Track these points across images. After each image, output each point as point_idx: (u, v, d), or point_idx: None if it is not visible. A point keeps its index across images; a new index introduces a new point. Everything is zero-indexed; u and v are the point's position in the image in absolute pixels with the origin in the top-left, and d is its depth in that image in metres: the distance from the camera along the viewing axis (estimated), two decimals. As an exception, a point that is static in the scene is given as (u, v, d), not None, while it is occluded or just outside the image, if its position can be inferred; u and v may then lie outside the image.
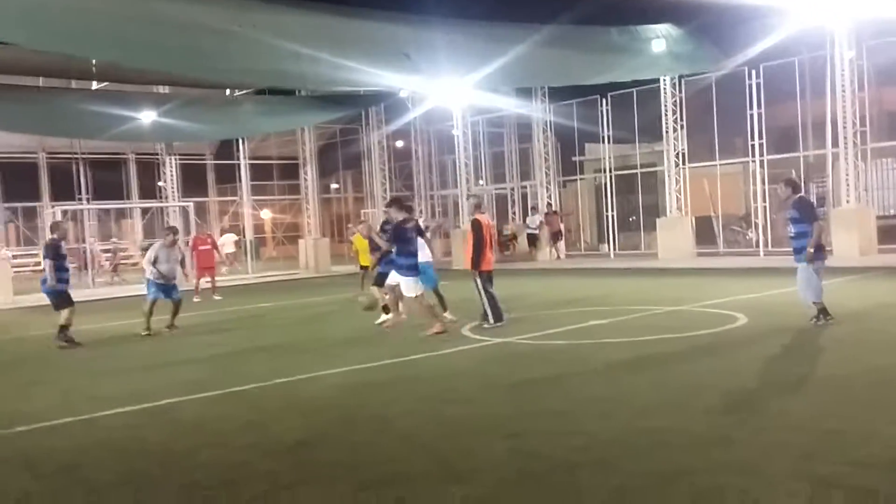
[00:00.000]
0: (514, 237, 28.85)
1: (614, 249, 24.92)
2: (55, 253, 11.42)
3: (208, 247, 18.24)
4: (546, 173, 26.50)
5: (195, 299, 17.34)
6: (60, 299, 11.49)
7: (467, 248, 11.17)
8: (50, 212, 28.16)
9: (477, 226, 10.98)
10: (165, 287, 12.48)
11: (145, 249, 25.19)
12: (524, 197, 29.75)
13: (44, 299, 12.09)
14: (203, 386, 7.94)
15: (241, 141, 28.85)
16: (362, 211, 12.09)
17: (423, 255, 11.03)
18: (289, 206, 40.95)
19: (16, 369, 10.02)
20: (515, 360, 8.61)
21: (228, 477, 5.01)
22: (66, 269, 11.61)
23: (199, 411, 6.96)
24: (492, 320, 10.98)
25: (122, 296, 19.93)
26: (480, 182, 28.72)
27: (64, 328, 11.44)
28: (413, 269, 10.50)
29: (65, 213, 24.23)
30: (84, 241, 27.80)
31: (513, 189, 29.93)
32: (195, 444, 5.84)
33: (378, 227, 12.42)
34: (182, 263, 13.69)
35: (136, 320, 12.63)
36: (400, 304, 11.09)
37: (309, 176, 27.92)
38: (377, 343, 10.36)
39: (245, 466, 5.20)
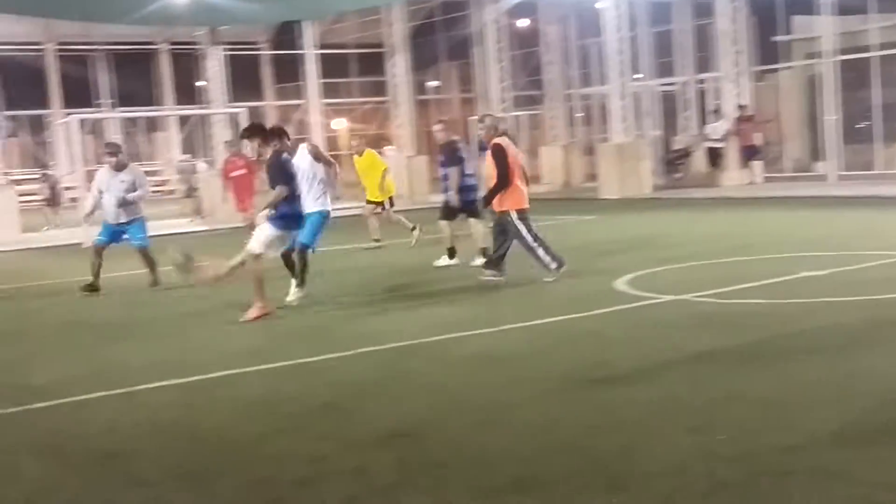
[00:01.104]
0: (686, 154, 28.31)
1: (836, 170, 24.21)
2: None
3: (243, 171, 18.27)
4: (735, 62, 25.61)
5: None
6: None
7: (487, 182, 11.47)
8: (63, 122, 29.47)
9: (500, 152, 11.19)
10: (112, 229, 12.88)
11: (185, 172, 26.24)
12: (701, 95, 28.98)
13: (58, 239, 12.79)
14: (263, 355, 8.22)
15: (304, 25, 29.22)
16: (484, 116, 11.90)
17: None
18: (371, 113, 41.46)
19: (31, 331, 10.65)
20: (694, 325, 8.52)
21: (304, 475, 5.18)
22: None
23: (262, 388, 7.22)
24: (552, 266, 11.27)
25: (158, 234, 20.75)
26: (639, 76, 28.09)
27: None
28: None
29: (82, 123, 25.18)
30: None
31: (685, 85, 29.18)
32: (260, 431, 6.06)
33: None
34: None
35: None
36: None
37: (399, 69, 28.03)
38: (494, 301, 10.42)
39: (324, 462, 5.37)
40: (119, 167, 12.96)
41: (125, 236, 13.02)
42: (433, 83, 44.89)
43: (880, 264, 11.19)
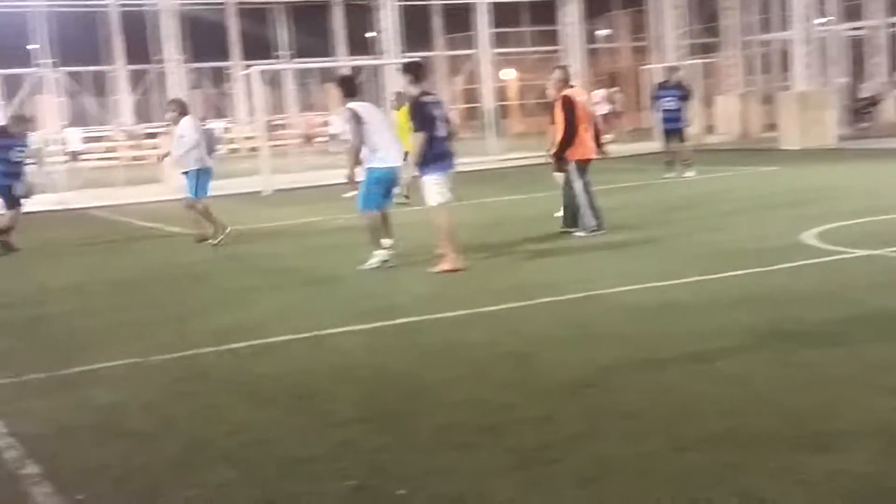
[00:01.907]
0: (875, 102, 26.96)
1: None
2: None
3: None
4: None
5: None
6: None
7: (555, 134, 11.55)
8: (244, 73, 30.43)
9: (568, 104, 11.35)
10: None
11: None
12: (893, 40, 27.42)
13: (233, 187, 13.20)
14: (443, 303, 8.33)
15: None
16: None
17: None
18: (539, 63, 41.10)
19: (218, 273, 11.12)
20: (890, 281, 8.11)
21: (492, 421, 5.22)
22: None
23: (445, 334, 7.33)
24: (591, 223, 11.43)
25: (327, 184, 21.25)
26: (824, 20, 26.79)
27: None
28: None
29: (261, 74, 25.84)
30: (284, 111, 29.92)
31: (875, 29, 27.67)
32: (445, 377, 6.14)
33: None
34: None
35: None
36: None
37: (572, 18, 27.59)
38: (670, 252, 10.24)
39: (511, 410, 5.39)
40: (176, 122, 13.18)
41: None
42: (603, 31, 44.12)
43: None
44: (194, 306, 9.12)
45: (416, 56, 26.94)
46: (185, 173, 13.13)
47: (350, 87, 10.68)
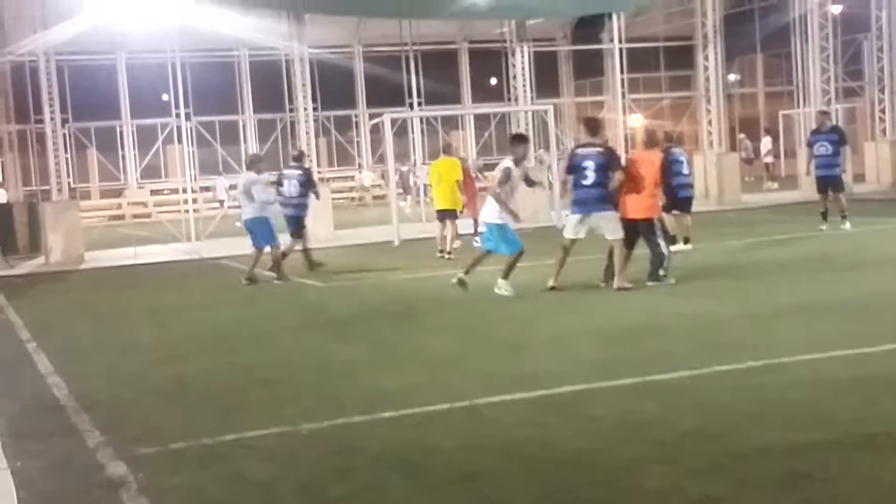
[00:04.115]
0: None
1: None
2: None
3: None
4: None
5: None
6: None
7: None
8: (375, 122, 30.40)
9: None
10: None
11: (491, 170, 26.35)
12: None
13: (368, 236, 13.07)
14: (612, 370, 7.70)
15: (610, 17, 28.55)
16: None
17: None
18: (670, 109, 40.26)
19: (362, 330, 10.59)
20: None
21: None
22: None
23: (615, 406, 6.71)
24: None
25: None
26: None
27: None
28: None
29: (393, 122, 25.72)
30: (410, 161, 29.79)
31: None
32: (629, 458, 5.52)
33: None
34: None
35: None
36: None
37: (712, 62, 26.71)
38: (855, 315, 9.38)
39: (713, 500, 4.76)
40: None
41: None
42: (733, 76, 42.99)
43: None
44: (338, 365, 8.72)
45: (549, 102, 26.54)
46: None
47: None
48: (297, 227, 15.90)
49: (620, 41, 27.65)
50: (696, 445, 5.72)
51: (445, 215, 16.67)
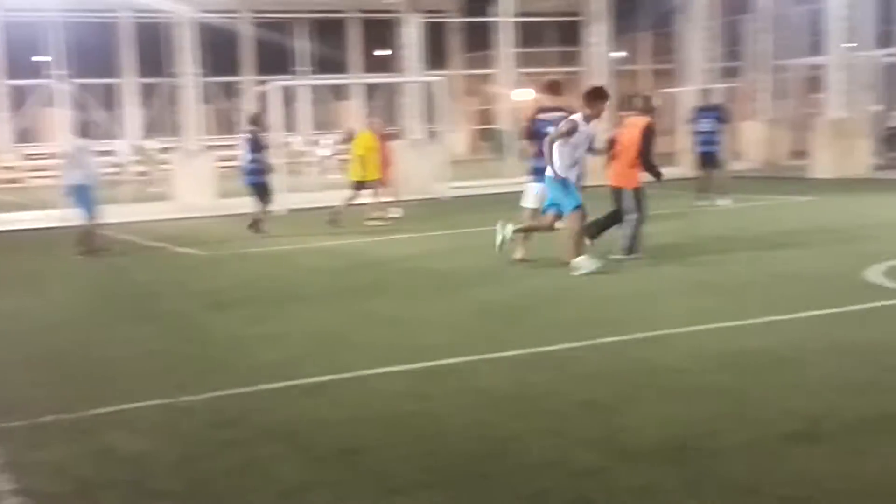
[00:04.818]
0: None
1: None
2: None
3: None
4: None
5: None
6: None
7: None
8: (257, 90, 29.81)
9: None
10: None
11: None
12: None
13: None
14: (502, 341, 7.64)
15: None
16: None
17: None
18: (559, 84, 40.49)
19: (246, 301, 10.24)
20: None
21: (582, 490, 4.54)
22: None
23: (503, 378, 6.65)
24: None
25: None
26: (853, 45, 26.09)
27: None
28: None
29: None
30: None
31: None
32: (514, 429, 5.45)
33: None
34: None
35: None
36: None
37: (599, 38, 26.94)
38: (733, 289, 9.55)
39: (602, 475, 4.71)
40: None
41: None
42: (618, 53, 43.48)
43: None
44: (219, 337, 8.44)
45: (441, 74, 26.38)
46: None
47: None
48: (256, 193, 15.84)
49: (511, 15, 27.71)
50: (585, 418, 5.69)
51: (367, 185, 17.05)
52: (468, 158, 35.72)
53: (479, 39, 35.69)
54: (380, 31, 36.43)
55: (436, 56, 36.13)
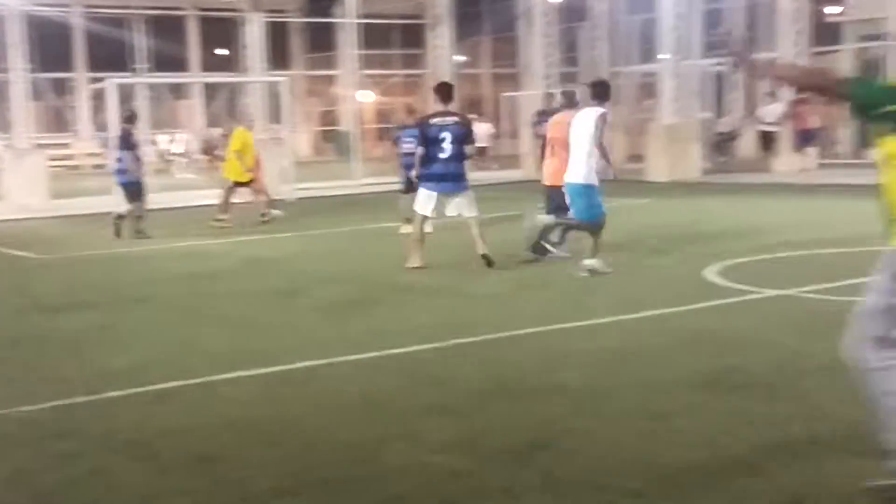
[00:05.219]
0: (732, 137, 27.46)
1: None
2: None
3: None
4: (795, 42, 24.67)
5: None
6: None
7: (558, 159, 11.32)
8: (93, 87, 28.80)
9: None
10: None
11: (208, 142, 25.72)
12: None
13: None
14: (354, 343, 7.60)
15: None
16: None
17: None
18: (401, 86, 40.68)
19: (88, 306, 9.80)
20: (819, 326, 7.68)
21: (448, 494, 4.58)
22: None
23: (355, 381, 6.61)
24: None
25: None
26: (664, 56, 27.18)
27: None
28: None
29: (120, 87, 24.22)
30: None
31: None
32: (368, 437, 5.41)
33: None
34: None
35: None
36: None
37: (442, 42, 27.21)
38: (577, 289, 9.77)
39: (463, 479, 4.75)
40: None
41: None
42: (459, 57, 43.99)
43: None
44: (60, 344, 8.08)
45: (285, 74, 26.05)
46: None
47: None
48: (128, 193, 15.09)
49: (355, 16, 27.62)
50: (439, 421, 5.70)
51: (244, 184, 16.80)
52: (312, 160, 35.44)
53: (322, 40, 35.47)
54: (220, 29, 35.74)
55: (278, 56, 35.69)
